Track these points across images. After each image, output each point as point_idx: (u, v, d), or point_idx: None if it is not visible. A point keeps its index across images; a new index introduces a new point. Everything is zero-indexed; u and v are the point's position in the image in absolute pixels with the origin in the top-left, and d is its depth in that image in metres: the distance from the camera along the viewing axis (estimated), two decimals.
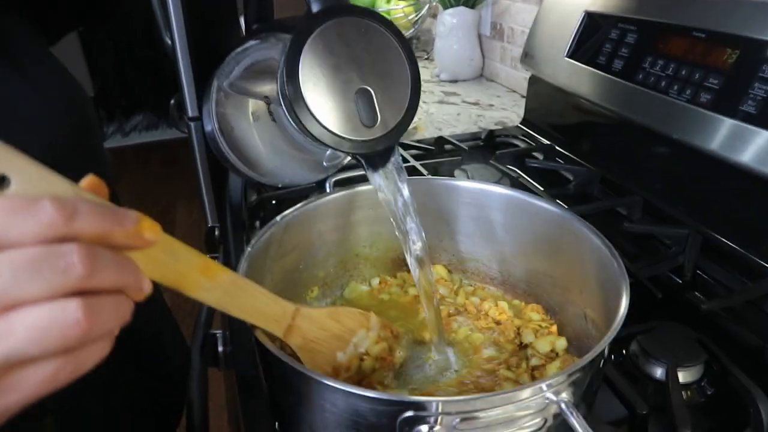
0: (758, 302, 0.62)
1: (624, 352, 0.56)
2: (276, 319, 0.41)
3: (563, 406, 0.32)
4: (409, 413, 0.32)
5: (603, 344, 0.35)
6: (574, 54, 0.96)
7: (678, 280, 0.67)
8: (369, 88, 0.41)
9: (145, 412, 0.69)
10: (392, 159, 0.45)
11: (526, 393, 0.32)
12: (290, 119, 0.40)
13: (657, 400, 0.51)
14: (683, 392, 0.51)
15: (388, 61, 0.41)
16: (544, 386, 0.32)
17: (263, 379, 0.46)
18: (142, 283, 0.27)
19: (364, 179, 0.64)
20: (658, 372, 0.53)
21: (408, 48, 0.42)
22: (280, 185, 0.54)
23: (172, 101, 2.19)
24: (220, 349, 0.72)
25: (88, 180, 0.27)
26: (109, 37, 3.54)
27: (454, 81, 1.59)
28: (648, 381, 0.53)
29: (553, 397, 0.33)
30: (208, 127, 0.53)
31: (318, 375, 0.33)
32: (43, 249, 0.23)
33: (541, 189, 0.84)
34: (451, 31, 1.54)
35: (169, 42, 1.75)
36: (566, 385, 0.33)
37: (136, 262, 0.26)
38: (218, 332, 0.73)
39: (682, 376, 0.52)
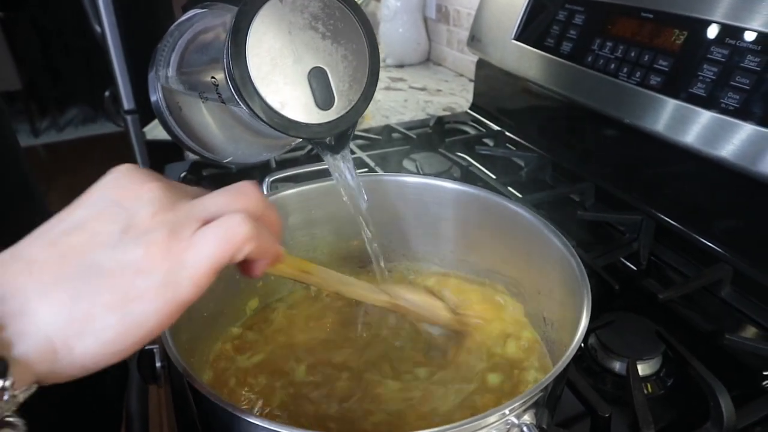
0: (712, 288, 0.62)
1: (582, 345, 0.54)
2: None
3: (525, 429, 0.30)
4: None
5: (561, 365, 0.32)
6: (521, 36, 0.93)
7: (633, 267, 0.65)
8: (324, 67, 0.37)
9: (78, 428, 0.64)
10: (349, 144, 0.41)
11: (491, 419, 0.29)
12: (240, 103, 0.35)
13: (617, 395, 0.50)
14: (643, 385, 0.50)
15: (342, 34, 0.37)
16: (507, 411, 0.29)
17: (194, 409, 0.42)
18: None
19: (304, 177, 0.59)
20: (618, 366, 0.52)
21: (364, 18, 0.38)
22: (227, 161, 0.50)
23: (107, 93, 2.07)
24: (158, 364, 0.67)
25: None
26: (34, 25, 3.31)
27: (401, 66, 1.55)
28: (607, 375, 0.52)
29: (515, 420, 0.30)
30: (153, 98, 0.48)
31: (249, 415, 0.29)
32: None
33: (493, 177, 0.82)
34: (395, 15, 1.50)
35: (99, 30, 1.62)
36: (527, 407, 0.30)
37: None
38: (155, 347, 0.68)
39: (642, 369, 0.51)
